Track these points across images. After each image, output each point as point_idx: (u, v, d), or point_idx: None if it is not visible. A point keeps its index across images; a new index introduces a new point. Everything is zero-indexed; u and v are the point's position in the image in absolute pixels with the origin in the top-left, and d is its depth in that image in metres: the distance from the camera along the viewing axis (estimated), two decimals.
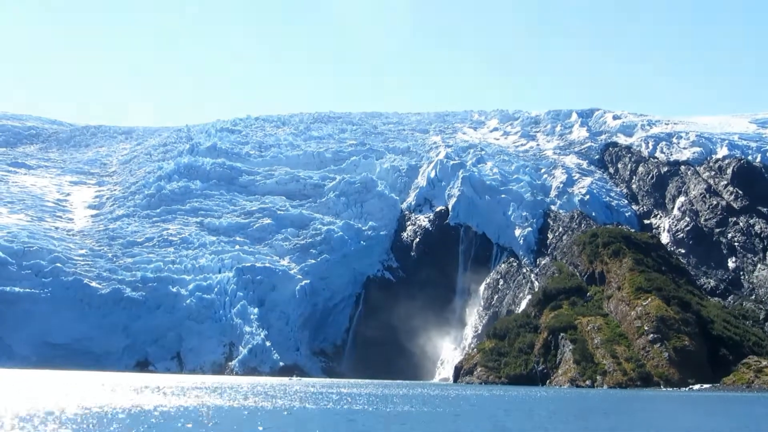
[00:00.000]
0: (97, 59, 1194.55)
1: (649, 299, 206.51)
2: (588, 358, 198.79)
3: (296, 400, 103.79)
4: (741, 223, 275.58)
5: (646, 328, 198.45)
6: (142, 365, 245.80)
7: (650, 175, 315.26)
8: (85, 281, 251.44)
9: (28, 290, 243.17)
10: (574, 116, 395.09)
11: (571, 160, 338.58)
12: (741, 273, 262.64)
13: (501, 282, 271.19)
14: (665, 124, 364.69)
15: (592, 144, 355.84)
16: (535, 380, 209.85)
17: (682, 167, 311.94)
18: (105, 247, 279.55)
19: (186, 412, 77.72)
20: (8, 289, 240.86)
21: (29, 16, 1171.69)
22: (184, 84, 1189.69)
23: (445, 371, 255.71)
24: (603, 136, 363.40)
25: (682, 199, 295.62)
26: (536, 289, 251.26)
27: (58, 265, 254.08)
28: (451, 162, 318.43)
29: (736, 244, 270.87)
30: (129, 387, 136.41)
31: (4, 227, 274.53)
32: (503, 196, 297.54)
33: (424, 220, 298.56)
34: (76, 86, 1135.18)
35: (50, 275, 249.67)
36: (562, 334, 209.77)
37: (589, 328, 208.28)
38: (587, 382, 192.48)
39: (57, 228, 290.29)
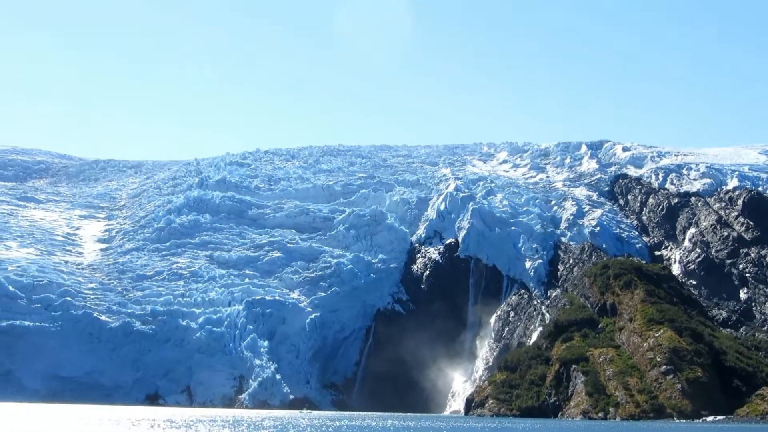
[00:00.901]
0: (105, 94, 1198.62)
1: (662, 330, 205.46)
2: (600, 390, 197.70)
3: None
4: (752, 254, 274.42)
5: (658, 359, 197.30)
6: (152, 399, 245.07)
7: (660, 207, 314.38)
8: (94, 315, 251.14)
9: (37, 324, 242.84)
10: (584, 148, 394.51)
11: (581, 192, 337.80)
12: (753, 304, 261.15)
13: (512, 314, 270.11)
14: (675, 155, 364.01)
15: (602, 176, 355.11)
16: (547, 412, 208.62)
17: (693, 198, 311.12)
18: (115, 280, 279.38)
19: None
20: (18, 322, 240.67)
21: (37, 51, 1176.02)
22: (193, 118, 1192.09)
23: (456, 404, 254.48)
24: (613, 168, 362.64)
25: (692, 230, 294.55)
26: (547, 321, 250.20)
27: (68, 298, 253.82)
28: (461, 194, 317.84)
29: (747, 275, 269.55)
30: (136, 420, 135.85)
31: (13, 261, 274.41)
32: (513, 228, 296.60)
33: (434, 252, 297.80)
34: (85, 121, 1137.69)
35: (60, 309, 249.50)
36: (573, 366, 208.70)
37: (601, 359, 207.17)
38: (600, 414, 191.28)
39: (67, 262, 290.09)
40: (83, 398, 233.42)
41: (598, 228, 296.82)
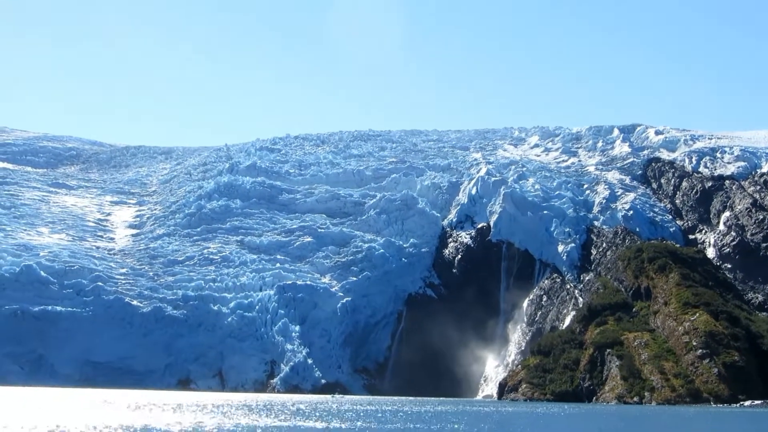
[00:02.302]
0: (137, 81, 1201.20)
1: (697, 314, 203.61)
2: (635, 375, 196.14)
3: (373, 420, 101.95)
4: None
5: (694, 343, 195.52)
6: (184, 383, 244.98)
7: (694, 191, 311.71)
8: (126, 300, 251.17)
9: (69, 309, 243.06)
10: (616, 132, 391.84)
11: (613, 176, 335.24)
12: None
13: (544, 298, 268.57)
14: (708, 138, 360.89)
15: (635, 159, 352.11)
16: (581, 397, 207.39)
17: (727, 182, 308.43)
18: (146, 266, 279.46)
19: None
20: (50, 308, 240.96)
21: (69, 40, 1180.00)
22: (223, 104, 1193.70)
23: (488, 388, 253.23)
24: (645, 152, 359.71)
25: (727, 213, 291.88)
26: (580, 305, 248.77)
27: (100, 284, 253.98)
28: (493, 179, 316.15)
29: None
30: (170, 405, 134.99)
31: (45, 247, 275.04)
32: (545, 212, 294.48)
33: (465, 236, 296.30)
34: (116, 107, 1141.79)
35: (92, 294, 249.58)
36: (608, 350, 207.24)
37: (635, 343, 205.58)
38: (635, 399, 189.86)
39: (98, 247, 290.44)
40: (115, 383, 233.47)
41: (631, 212, 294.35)
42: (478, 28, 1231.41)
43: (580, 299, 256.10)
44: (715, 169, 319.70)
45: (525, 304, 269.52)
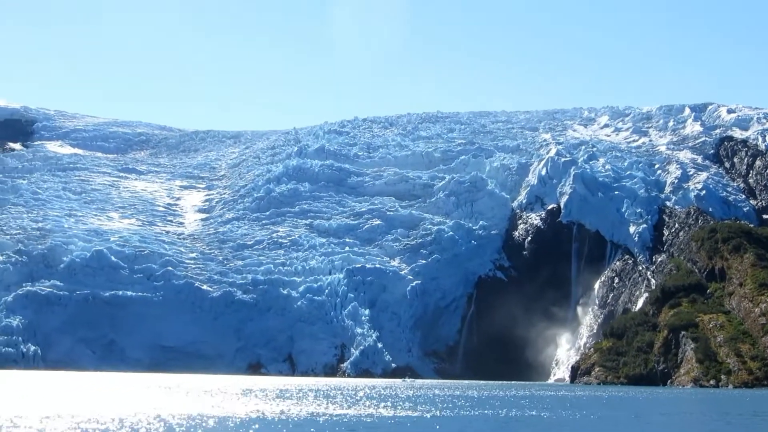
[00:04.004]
0: (206, 66, 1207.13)
1: None
2: (711, 357, 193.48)
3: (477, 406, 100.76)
4: None
5: None
6: (254, 368, 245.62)
7: None
8: (196, 284, 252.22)
9: (140, 294, 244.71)
10: (687, 111, 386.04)
11: (685, 156, 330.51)
12: None
13: (616, 280, 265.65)
14: None
15: (707, 139, 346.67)
16: (656, 380, 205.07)
17: None
18: (215, 250, 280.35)
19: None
20: (120, 293, 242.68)
21: (139, 27, 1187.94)
22: (291, 87, 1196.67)
23: (560, 372, 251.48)
24: (717, 131, 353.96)
25: None
26: (653, 287, 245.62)
27: (170, 268, 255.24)
28: (563, 159, 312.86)
29: None
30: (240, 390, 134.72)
31: (116, 232, 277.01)
32: (616, 192, 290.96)
33: (535, 218, 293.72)
34: (185, 92, 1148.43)
35: (162, 279, 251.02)
36: (682, 333, 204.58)
37: (711, 325, 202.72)
38: (711, 382, 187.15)
39: (168, 232, 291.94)
40: (186, 368, 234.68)
41: (703, 191, 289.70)
42: (547, 6, 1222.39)
43: (653, 281, 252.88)
44: None
45: (596, 286, 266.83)
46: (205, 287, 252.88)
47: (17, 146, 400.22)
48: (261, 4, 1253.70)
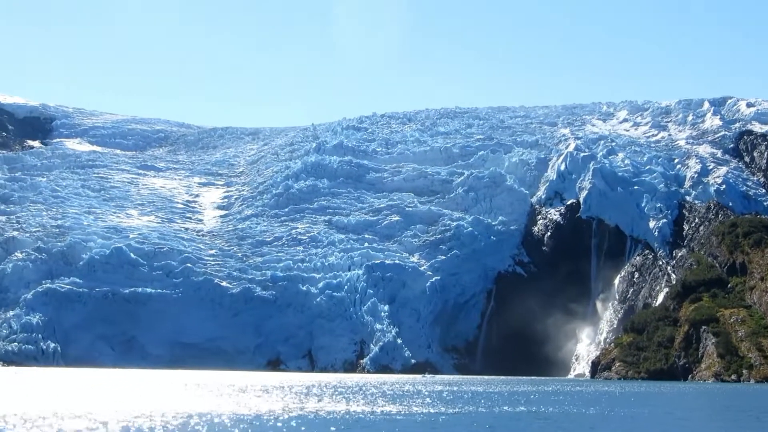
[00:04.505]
0: (223, 63, 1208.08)
1: None
2: (732, 352, 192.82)
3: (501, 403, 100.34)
4: None
5: None
6: (274, 364, 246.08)
7: None
8: (215, 281, 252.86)
9: (159, 291, 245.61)
10: (706, 105, 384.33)
11: (704, 150, 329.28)
12: None
13: (636, 275, 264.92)
14: None
15: (726, 133, 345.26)
16: (677, 375, 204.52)
17: None
18: (234, 246, 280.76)
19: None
20: (140, 289, 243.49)
21: (156, 25, 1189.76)
22: (309, 83, 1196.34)
23: (580, 367, 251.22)
24: (737, 125, 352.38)
25: None
26: (673, 282, 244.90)
27: (189, 265, 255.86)
28: (582, 154, 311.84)
29: None
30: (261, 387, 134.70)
31: (135, 229, 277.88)
32: (636, 187, 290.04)
33: (555, 213, 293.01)
34: (204, 89, 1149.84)
35: (181, 275, 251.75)
36: (703, 327, 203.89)
37: (732, 320, 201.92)
38: (733, 377, 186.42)
39: (187, 229, 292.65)
40: (205, 364, 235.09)
41: (723, 186, 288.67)
42: (566, 1, 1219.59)
43: (673, 276, 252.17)
44: None
45: (616, 281, 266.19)
46: (224, 284, 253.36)
47: (36, 144, 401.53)
48: (278, 1, 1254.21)
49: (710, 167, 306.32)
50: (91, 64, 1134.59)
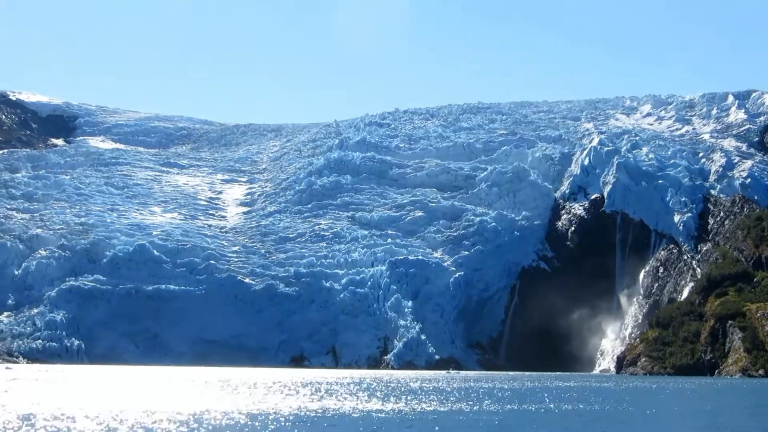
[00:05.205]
0: (245, 59, 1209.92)
1: None
2: (759, 347, 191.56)
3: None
4: None
5: None
6: (297, 360, 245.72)
7: None
8: (238, 278, 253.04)
9: (182, 287, 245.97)
10: (730, 98, 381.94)
11: (729, 144, 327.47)
12: None
13: (661, 269, 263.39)
14: None
15: (751, 126, 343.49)
16: (703, 370, 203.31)
17: None
18: (257, 243, 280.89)
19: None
20: (163, 286, 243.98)
21: (179, 22, 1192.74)
22: (331, 79, 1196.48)
23: (605, 362, 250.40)
24: (762, 118, 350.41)
25: None
26: (699, 276, 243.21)
27: (212, 262, 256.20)
28: (605, 149, 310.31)
29: None
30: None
31: (158, 226, 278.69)
32: (660, 181, 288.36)
33: (579, 208, 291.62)
34: (226, 86, 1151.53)
35: (204, 272, 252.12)
36: (730, 322, 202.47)
37: (758, 314, 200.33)
38: (760, 372, 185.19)
39: (210, 225, 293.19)
40: (229, 361, 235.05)
41: (748, 179, 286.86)
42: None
43: (698, 270, 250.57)
44: None
45: (641, 275, 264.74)
46: (247, 280, 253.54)
47: (60, 142, 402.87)
48: (291, 6, 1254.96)
49: (735, 161, 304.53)
50: (114, 62, 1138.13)
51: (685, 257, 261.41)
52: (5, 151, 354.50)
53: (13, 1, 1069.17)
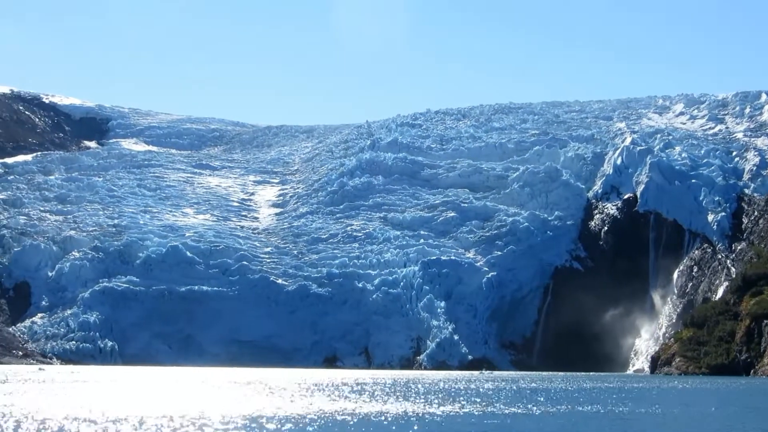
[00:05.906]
0: (278, 62, 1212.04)
1: None
2: None
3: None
4: None
5: None
6: (330, 361, 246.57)
7: None
8: (271, 279, 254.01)
9: (215, 289, 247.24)
10: (764, 97, 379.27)
11: (763, 142, 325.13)
12: None
13: (695, 269, 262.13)
14: None
15: None
16: (738, 370, 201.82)
17: None
18: (290, 244, 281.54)
19: None
20: (197, 288, 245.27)
21: (211, 24, 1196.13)
22: (363, 81, 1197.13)
23: (639, 362, 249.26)
24: None
25: None
26: (733, 276, 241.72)
27: (245, 263, 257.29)
28: (638, 148, 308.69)
29: None
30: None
31: (191, 227, 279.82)
32: (694, 181, 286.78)
33: (611, 208, 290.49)
34: (258, 88, 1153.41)
35: (237, 273, 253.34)
36: (765, 321, 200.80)
37: None
38: None
39: (242, 227, 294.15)
40: (262, 362, 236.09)
41: None
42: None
43: (733, 269, 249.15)
44: None
45: (675, 275, 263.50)
46: (280, 281, 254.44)
47: (92, 144, 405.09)
48: (323, 7, 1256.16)
49: None
50: (147, 64, 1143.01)
51: (720, 256, 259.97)
52: (39, 153, 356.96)
53: (47, 5, 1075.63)
